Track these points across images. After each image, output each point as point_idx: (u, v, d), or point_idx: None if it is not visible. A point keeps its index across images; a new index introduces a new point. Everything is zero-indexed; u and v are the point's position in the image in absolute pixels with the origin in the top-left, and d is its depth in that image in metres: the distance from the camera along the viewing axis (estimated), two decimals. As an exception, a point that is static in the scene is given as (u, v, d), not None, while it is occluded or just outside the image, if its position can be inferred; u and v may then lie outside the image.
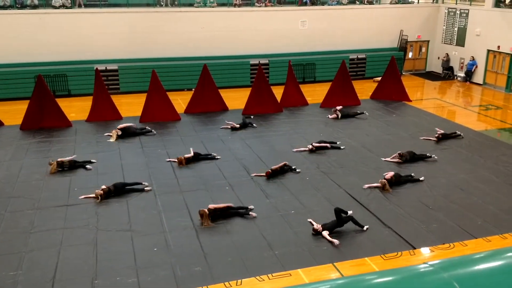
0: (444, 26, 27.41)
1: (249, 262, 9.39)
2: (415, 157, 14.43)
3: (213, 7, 24.45)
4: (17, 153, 15.15)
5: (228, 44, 24.44)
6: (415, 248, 9.88)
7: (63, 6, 22.71)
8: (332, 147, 15.44)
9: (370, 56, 26.58)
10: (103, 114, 18.41)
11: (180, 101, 20.72)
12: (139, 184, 12.63)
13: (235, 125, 17.46)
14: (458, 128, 17.45)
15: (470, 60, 25.54)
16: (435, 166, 14.11)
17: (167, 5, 24.20)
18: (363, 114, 19.17)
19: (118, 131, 16.47)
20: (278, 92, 20.31)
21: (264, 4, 25.31)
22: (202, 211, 10.79)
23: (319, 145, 15.32)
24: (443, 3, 27.90)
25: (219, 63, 23.90)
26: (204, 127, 17.85)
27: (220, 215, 10.95)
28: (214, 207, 10.97)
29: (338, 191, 12.52)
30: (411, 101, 21.42)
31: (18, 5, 22.36)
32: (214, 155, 14.73)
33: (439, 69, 27.76)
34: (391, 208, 11.59)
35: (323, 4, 26.59)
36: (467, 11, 25.78)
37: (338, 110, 18.91)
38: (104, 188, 12.01)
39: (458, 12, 26.36)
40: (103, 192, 11.88)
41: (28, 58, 22.00)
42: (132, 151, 15.38)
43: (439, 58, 27.79)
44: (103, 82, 19.17)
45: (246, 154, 15.02)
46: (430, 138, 16.37)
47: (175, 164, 14.18)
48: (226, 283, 8.76)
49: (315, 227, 10.34)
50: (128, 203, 11.79)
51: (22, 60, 21.96)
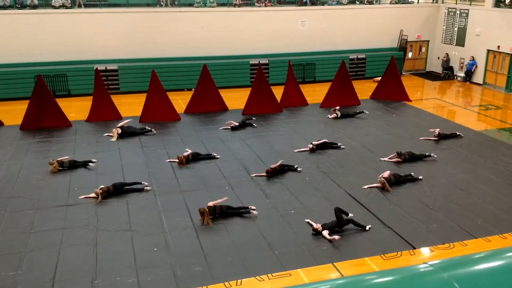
0: (444, 26, 27.41)
1: (249, 262, 9.40)
2: (414, 156, 14.44)
3: (213, 7, 24.45)
4: (17, 153, 15.15)
5: (228, 44, 24.44)
6: (415, 248, 9.89)
7: (63, 6, 22.70)
8: (332, 147, 15.45)
9: (370, 56, 26.58)
10: (103, 114, 18.42)
11: (180, 101, 20.72)
12: (138, 184, 12.64)
13: (234, 123, 17.48)
14: (458, 128, 17.46)
15: (470, 60, 25.54)
16: (435, 166, 14.12)
17: (167, 5, 24.20)
18: (362, 113, 19.19)
19: (118, 129, 16.49)
20: (278, 92, 20.31)
21: (264, 4, 25.30)
22: (202, 209, 10.80)
23: (319, 143, 15.33)
24: (443, 3, 27.90)
25: (219, 63, 23.89)
26: (204, 127, 17.85)
27: (220, 215, 10.96)
28: (213, 204, 11.00)
29: (338, 191, 12.52)
30: (411, 101, 21.42)
31: (18, 5, 22.36)
32: (214, 155, 14.75)
33: (439, 69, 27.76)
34: (391, 208, 11.59)
35: (323, 4, 26.58)
36: (467, 11, 25.78)
37: (338, 109, 18.94)
38: (103, 187, 12.02)
39: (458, 12, 26.35)
40: (102, 191, 11.90)
41: (28, 58, 22.00)
42: (132, 151, 15.39)
43: (439, 58, 27.79)
44: (103, 82, 19.18)
45: (246, 154, 15.03)
46: (430, 138, 16.38)
47: (175, 164, 14.19)
48: (226, 283, 8.76)
49: (315, 226, 10.34)
50: (128, 203, 11.80)
51: (22, 60, 21.96)
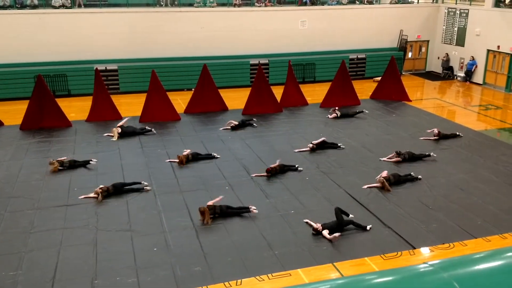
0: (444, 26, 27.41)
1: (249, 262, 9.39)
2: (414, 156, 14.44)
3: (213, 7, 24.45)
4: (17, 153, 15.15)
5: (228, 44, 24.44)
6: (415, 248, 9.88)
7: (63, 6, 22.70)
8: (332, 147, 15.45)
9: (370, 56, 26.58)
10: (103, 114, 18.42)
11: (180, 101, 20.72)
12: (138, 184, 12.64)
13: (234, 122, 17.49)
14: (458, 128, 17.46)
15: (470, 60, 25.54)
16: (434, 166, 14.12)
17: (167, 5, 24.20)
18: (362, 112, 19.19)
19: (118, 129, 16.50)
20: (278, 92, 20.31)
21: (264, 4, 25.30)
22: (202, 208, 10.81)
23: (318, 141, 15.33)
24: (443, 3, 27.90)
25: (219, 63, 23.89)
26: (204, 127, 17.86)
27: (220, 215, 10.97)
28: (213, 202, 11.02)
29: (338, 191, 12.52)
30: (411, 101, 21.42)
31: (18, 5, 22.36)
32: (214, 155, 14.75)
33: (439, 69, 27.76)
34: (391, 208, 11.59)
35: (323, 4, 26.58)
36: (467, 11, 25.78)
37: (337, 109, 18.94)
38: (103, 187, 12.02)
39: (458, 12, 26.36)
40: (102, 190, 11.90)
41: (28, 58, 22.00)
42: (132, 151, 15.39)
43: (439, 58, 27.79)
44: (103, 82, 19.18)
45: (246, 154, 15.03)
46: (429, 138, 16.38)
47: (175, 164, 14.19)
48: (226, 283, 8.76)
49: (315, 226, 10.33)
50: (128, 203, 11.80)
51: (22, 60, 21.96)
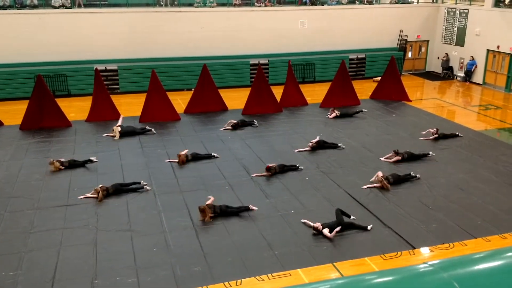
0: (443, 26, 27.41)
1: (249, 262, 9.40)
2: (413, 156, 14.44)
3: (213, 7, 24.45)
4: (17, 153, 15.15)
5: (228, 44, 24.44)
6: (415, 248, 9.89)
7: (63, 6, 22.70)
8: (331, 147, 15.46)
9: (369, 56, 26.58)
10: (103, 114, 18.41)
11: (180, 101, 20.72)
12: (137, 184, 12.63)
13: (234, 121, 17.49)
14: (458, 128, 17.47)
15: (470, 60, 25.54)
16: (434, 166, 14.12)
17: (167, 5, 24.20)
18: (361, 112, 19.19)
19: (118, 127, 16.53)
20: (278, 92, 20.31)
21: (264, 4, 25.30)
22: (202, 206, 10.83)
23: (316, 140, 15.33)
24: (442, 3, 27.90)
25: (219, 63, 23.89)
26: (204, 127, 17.86)
27: (220, 214, 10.97)
28: (212, 201, 11.08)
29: (338, 191, 12.52)
30: (410, 101, 21.42)
31: (18, 5, 22.35)
32: (214, 155, 14.75)
33: (438, 69, 27.77)
34: (391, 208, 11.59)
35: (322, 4, 26.58)
36: (466, 11, 25.78)
37: (336, 109, 18.97)
38: (102, 186, 12.02)
39: (458, 12, 26.36)
40: (102, 190, 11.89)
41: (28, 58, 21.99)
42: (132, 151, 15.39)
43: (438, 58, 27.79)
44: (103, 82, 19.17)
45: (246, 154, 15.03)
46: (429, 138, 16.38)
47: (175, 164, 14.19)
48: (226, 283, 8.76)
49: (315, 225, 10.33)
50: (128, 203, 11.79)
51: (22, 60, 21.96)
